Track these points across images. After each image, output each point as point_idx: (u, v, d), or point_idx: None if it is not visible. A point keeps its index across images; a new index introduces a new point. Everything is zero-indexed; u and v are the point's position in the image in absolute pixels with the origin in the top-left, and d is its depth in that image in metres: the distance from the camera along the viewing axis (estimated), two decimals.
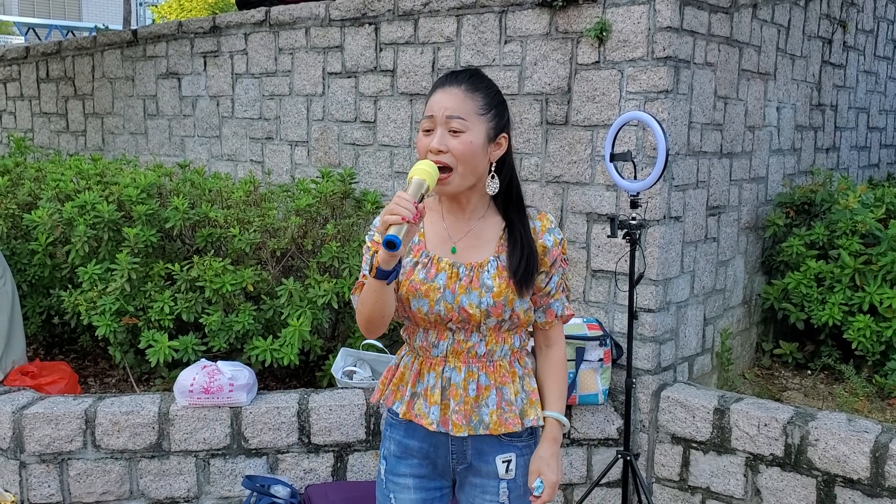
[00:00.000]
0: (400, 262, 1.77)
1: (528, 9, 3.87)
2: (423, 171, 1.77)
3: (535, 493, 1.95)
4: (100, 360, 4.41)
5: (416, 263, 1.95)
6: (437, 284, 1.91)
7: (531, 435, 2.02)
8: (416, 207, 1.70)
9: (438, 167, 1.82)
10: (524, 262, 1.89)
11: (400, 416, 2.00)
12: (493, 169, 1.92)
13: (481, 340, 1.93)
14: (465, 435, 1.94)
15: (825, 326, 4.19)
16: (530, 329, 2.06)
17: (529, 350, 2.10)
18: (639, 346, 3.63)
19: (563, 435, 3.48)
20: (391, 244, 1.65)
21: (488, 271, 1.91)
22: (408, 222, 1.68)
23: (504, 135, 1.92)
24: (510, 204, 1.95)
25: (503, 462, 1.97)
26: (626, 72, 3.60)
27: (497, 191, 1.93)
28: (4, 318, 3.75)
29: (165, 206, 3.96)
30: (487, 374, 1.94)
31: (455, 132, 1.84)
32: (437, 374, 1.95)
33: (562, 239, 1.98)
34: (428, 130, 1.87)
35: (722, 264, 4.19)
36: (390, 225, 1.68)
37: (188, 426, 3.32)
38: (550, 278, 1.98)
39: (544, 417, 2.00)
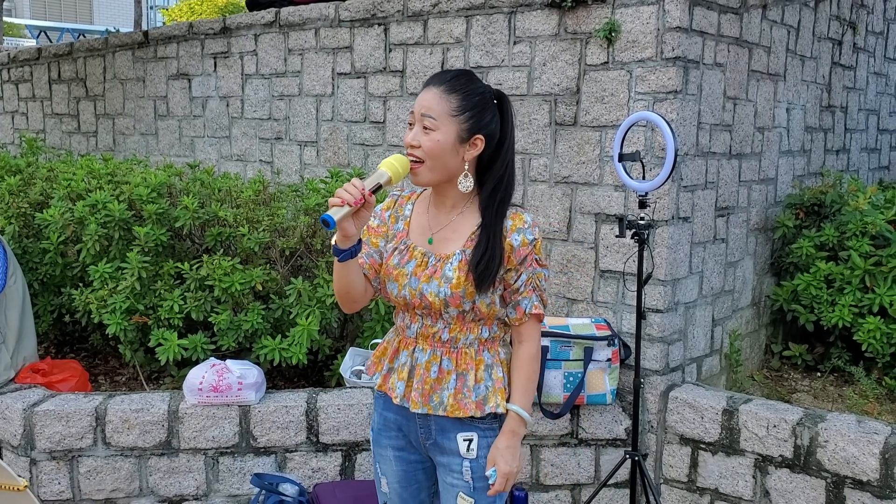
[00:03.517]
0: (360, 242, 1.94)
1: (537, 9, 3.88)
2: (390, 165, 1.92)
3: (490, 482, 2.04)
4: (110, 358, 4.43)
5: (395, 249, 2.09)
6: (405, 271, 2.05)
7: (495, 419, 2.08)
8: (364, 195, 1.83)
9: (412, 160, 1.96)
10: (484, 260, 1.97)
11: (376, 387, 2.15)
12: (467, 168, 2.01)
13: (445, 327, 2.05)
14: (423, 412, 2.05)
15: (835, 328, 4.18)
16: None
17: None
18: (647, 347, 3.63)
19: (570, 434, 3.52)
20: (325, 223, 1.78)
21: (451, 263, 2.01)
22: (349, 206, 1.80)
23: (479, 136, 1.99)
24: (490, 204, 2.02)
25: (464, 440, 2.06)
26: (635, 72, 3.60)
27: (469, 189, 2.03)
28: (16, 317, 3.78)
29: (175, 205, 3.99)
30: (451, 360, 2.05)
31: (426, 129, 1.96)
32: (409, 354, 2.09)
33: (533, 240, 2.04)
34: (411, 124, 2.01)
35: (731, 265, 4.18)
36: (333, 206, 1.81)
37: (197, 424, 3.34)
38: (519, 276, 2.04)
39: (506, 410, 2.06)
